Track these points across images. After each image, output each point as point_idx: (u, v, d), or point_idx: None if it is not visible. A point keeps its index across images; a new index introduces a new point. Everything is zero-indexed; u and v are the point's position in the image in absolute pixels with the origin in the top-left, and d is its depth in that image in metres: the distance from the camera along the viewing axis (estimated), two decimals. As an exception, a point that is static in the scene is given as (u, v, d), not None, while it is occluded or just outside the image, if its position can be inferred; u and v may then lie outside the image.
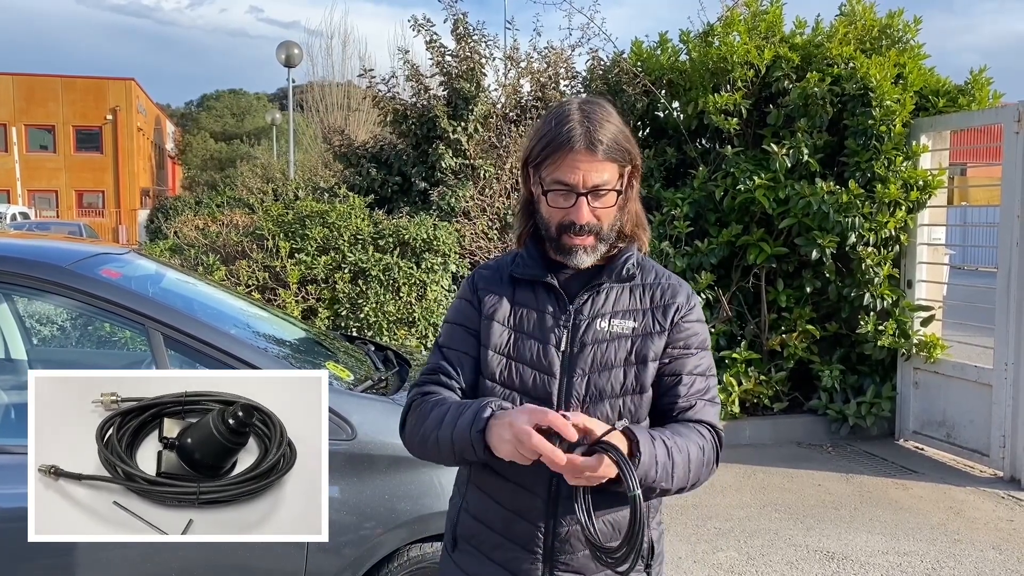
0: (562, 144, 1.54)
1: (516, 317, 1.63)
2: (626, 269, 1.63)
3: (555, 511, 1.56)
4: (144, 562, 2.54)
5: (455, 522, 1.69)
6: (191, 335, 2.68)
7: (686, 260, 6.09)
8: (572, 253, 1.59)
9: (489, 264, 1.74)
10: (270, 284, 6.21)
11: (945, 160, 6.24)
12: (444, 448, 1.53)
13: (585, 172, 1.54)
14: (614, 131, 1.57)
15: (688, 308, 1.64)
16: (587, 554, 1.56)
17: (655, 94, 6.69)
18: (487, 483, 1.62)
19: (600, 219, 1.58)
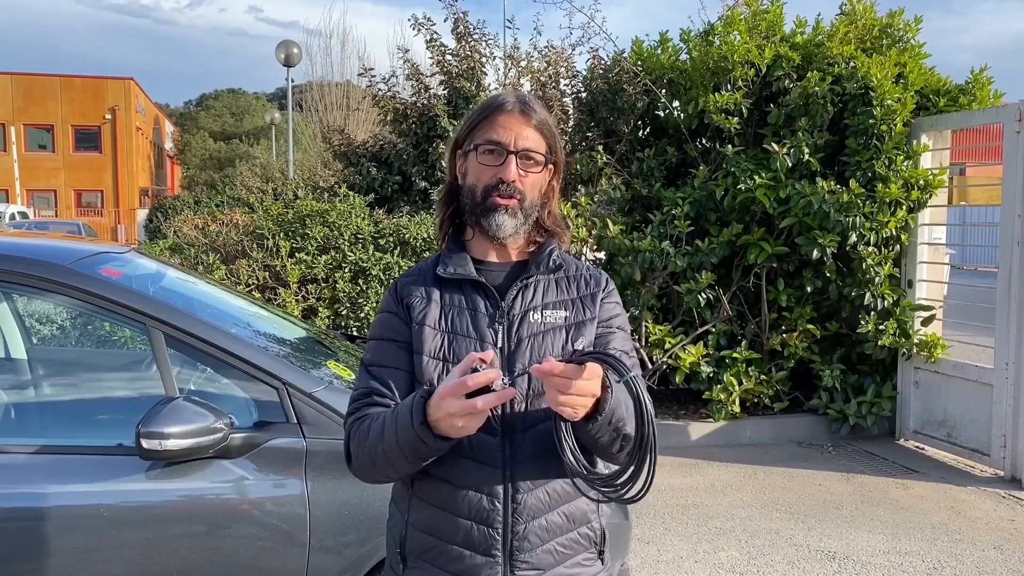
0: (496, 108, 1.60)
1: (448, 319, 1.60)
2: (552, 260, 1.65)
3: (514, 509, 1.54)
4: (145, 562, 2.54)
5: (402, 539, 1.63)
6: (192, 334, 2.67)
7: (687, 259, 6.09)
8: (495, 212, 1.59)
9: (410, 271, 1.71)
10: (270, 283, 6.20)
11: (946, 160, 6.24)
12: (396, 459, 1.48)
13: (517, 133, 1.58)
14: (546, 114, 1.64)
15: (608, 292, 1.68)
16: (546, 549, 1.56)
17: (656, 93, 6.69)
18: (433, 493, 1.57)
19: (525, 186, 1.60)
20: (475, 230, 1.64)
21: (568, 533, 1.59)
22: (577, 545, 1.61)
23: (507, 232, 1.60)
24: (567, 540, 1.59)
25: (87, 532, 2.52)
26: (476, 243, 1.66)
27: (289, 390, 2.66)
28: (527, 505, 1.54)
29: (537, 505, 1.55)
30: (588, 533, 1.63)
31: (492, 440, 1.53)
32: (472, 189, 1.62)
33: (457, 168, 1.67)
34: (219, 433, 2.47)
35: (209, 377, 2.84)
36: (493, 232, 1.60)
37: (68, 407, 3.17)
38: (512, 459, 1.53)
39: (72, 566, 2.51)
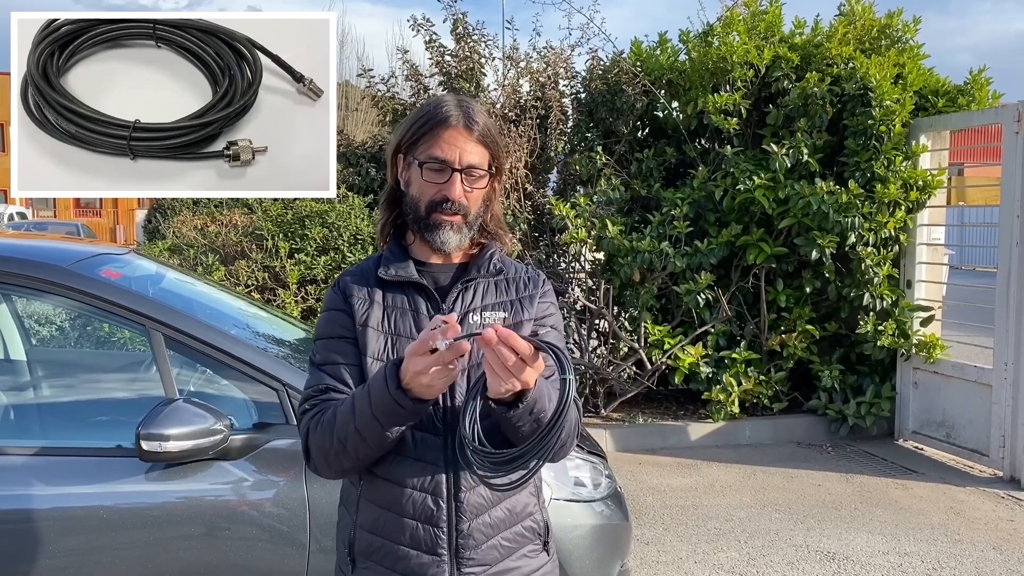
0: (440, 122, 1.59)
1: (390, 321, 1.61)
2: (493, 264, 1.66)
3: (457, 507, 1.56)
4: (144, 564, 2.54)
5: (350, 541, 1.64)
6: (191, 335, 2.67)
7: (686, 260, 6.09)
8: (439, 229, 1.60)
9: (352, 270, 1.71)
10: (270, 284, 6.20)
11: (945, 160, 6.24)
12: (371, 432, 1.47)
13: (461, 150, 1.59)
14: (488, 121, 1.64)
15: (544, 292, 1.70)
16: (491, 544, 1.57)
17: (654, 94, 6.69)
18: (379, 494, 1.59)
19: (468, 201, 1.61)
20: (417, 237, 1.66)
21: (512, 527, 1.61)
22: (521, 538, 1.63)
23: (452, 247, 1.63)
24: (511, 534, 1.61)
25: (87, 534, 2.52)
26: (418, 246, 1.67)
27: (289, 391, 2.66)
28: (470, 503, 1.56)
29: (480, 502, 1.57)
30: (532, 525, 1.66)
31: (434, 439, 1.55)
32: (415, 202, 1.62)
33: (399, 173, 1.67)
34: (219, 435, 2.47)
35: (209, 378, 2.85)
36: (438, 247, 1.62)
37: (67, 409, 3.17)
38: (454, 458, 1.54)
39: (72, 568, 2.51)
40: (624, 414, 6.38)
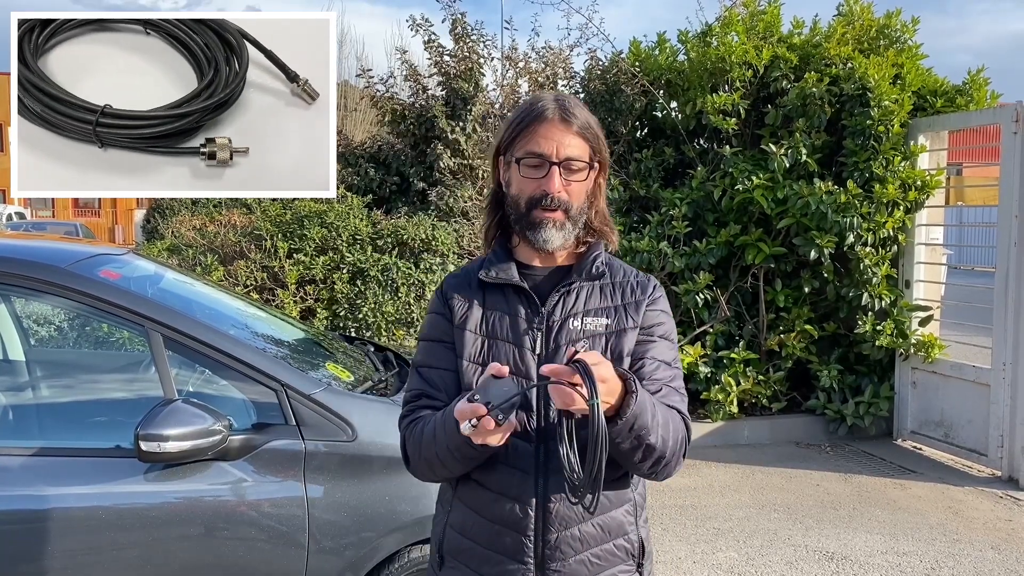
0: (535, 117, 1.57)
1: (488, 323, 1.60)
2: (595, 267, 1.62)
3: (545, 517, 1.53)
4: (143, 564, 2.54)
5: (441, 539, 1.65)
6: (190, 336, 2.67)
7: (684, 260, 6.09)
8: (541, 227, 1.57)
9: (457, 273, 1.71)
10: (268, 284, 6.20)
11: (943, 160, 6.24)
12: (450, 462, 1.52)
13: (559, 143, 1.55)
14: (587, 115, 1.61)
15: (653, 299, 1.65)
16: (579, 559, 1.54)
17: (653, 94, 6.70)
18: (471, 496, 1.59)
19: (570, 195, 1.58)
20: (521, 238, 1.63)
21: (603, 544, 1.56)
22: (613, 557, 1.58)
23: (555, 245, 1.59)
24: (602, 551, 1.56)
25: (85, 534, 2.52)
26: (522, 249, 1.65)
27: (288, 392, 2.66)
28: (559, 514, 1.53)
29: (569, 514, 1.53)
30: (625, 545, 1.60)
31: (527, 447, 1.53)
32: (516, 201, 1.60)
33: (500, 175, 1.65)
34: (218, 435, 2.47)
35: (208, 379, 2.85)
36: (540, 246, 1.59)
37: (66, 409, 3.17)
38: (546, 467, 1.53)
39: (71, 568, 2.51)
40: (623, 414, 6.37)
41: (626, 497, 1.61)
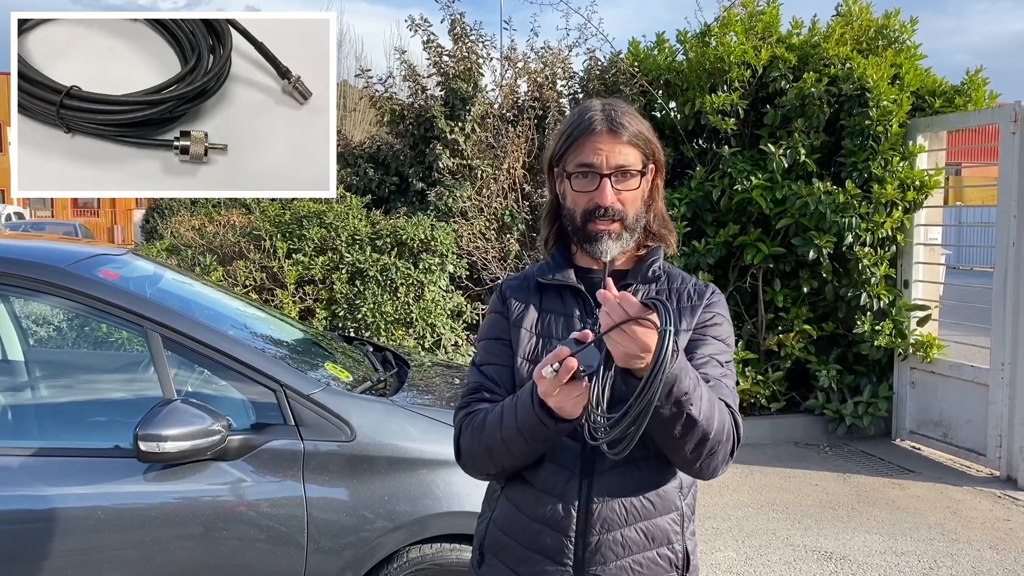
0: (584, 130, 1.57)
1: (543, 323, 1.61)
2: (652, 271, 1.62)
3: (588, 518, 1.51)
4: (142, 564, 2.54)
5: (483, 536, 1.64)
6: (189, 336, 2.68)
7: (683, 260, 6.09)
8: (598, 240, 1.56)
9: (516, 276, 1.73)
10: (267, 285, 6.20)
11: (942, 160, 6.25)
12: (516, 444, 1.47)
13: (608, 153, 1.55)
14: (636, 122, 1.59)
15: (710, 303, 1.63)
16: (620, 565, 1.51)
17: (652, 94, 6.70)
18: (515, 494, 1.58)
19: (624, 204, 1.57)
20: (579, 248, 1.63)
21: (646, 552, 1.53)
22: (655, 566, 1.54)
23: (613, 254, 1.58)
24: (644, 559, 1.53)
25: (84, 534, 2.52)
26: (580, 255, 1.65)
27: (287, 392, 2.67)
28: (602, 516, 1.51)
29: (613, 518, 1.51)
30: (669, 555, 1.56)
31: (573, 446, 1.52)
32: (572, 214, 1.60)
33: (556, 186, 1.65)
34: (217, 435, 2.48)
35: (207, 379, 2.85)
36: (599, 257, 1.58)
37: (65, 409, 3.18)
38: (591, 467, 1.51)
39: (69, 569, 2.52)
40: (622, 414, 6.38)
41: (673, 505, 1.57)
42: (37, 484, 2.53)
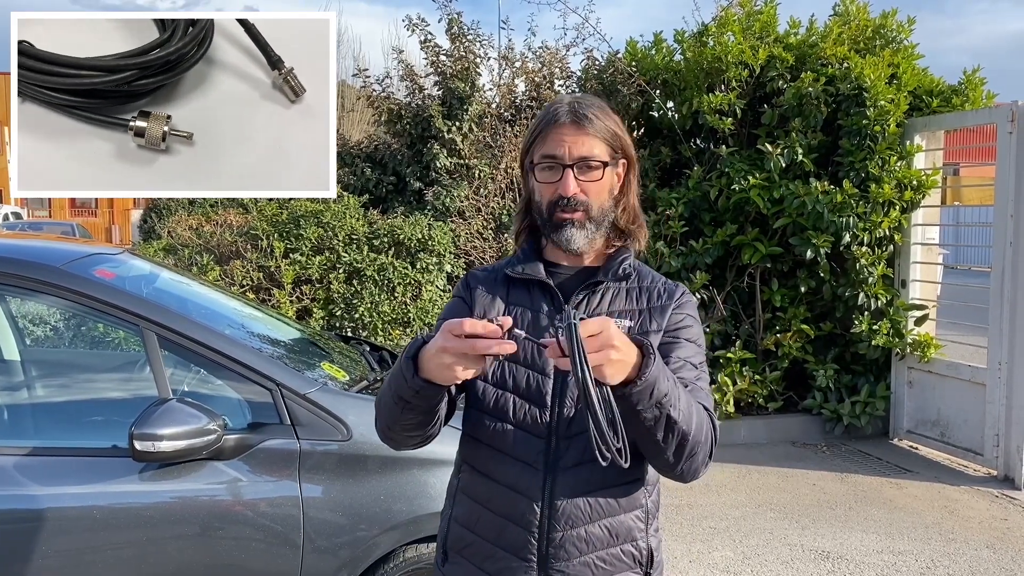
0: (549, 121, 1.57)
1: (510, 316, 1.58)
2: (623, 268, 1.61)
3: (551, 514, 1.51)
4: (138, 564, 2.53)
5: (446, 533, 1.63)
6: (185, 335, 2.67)
7: (681, 260, 6.09)
8: (563, 228, 1.57)
9: (485, 268, 1.72)
10: (264, 284, 6.20)
11: (939, 160, 6.25)
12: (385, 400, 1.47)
13: (571, 144, 1.55)
14: (603, 116, 1.59)
15: (680, 302, 1.62)
16: (584, 561, 1.51)
17: (650, 94, 6.70)
18: (477, 489, 1.58)
19: (588, 194, 1.56)
20: (548, 241, 1.64)
21: (610, 548, 1.54)
22: (619, 562, 1.55)
23: (579, 245, 1.58)
24: (608, 555, 1.54)
25: (80, 534, 2.52)
26: (550, 249, 1.65)
27: (283, 391, 2.66)
28: (566, 512, 1.51)
29: (576, 514, 1.52)
30: (632, 551, 1.57)
31: (537, 442, 1.52)
32: (539, 206, 1.60)
33: (529, 184, 1.65)
34: (212, 435, 2.47)
35: (203, 378, 2.85)
36: (565, 246, 1.59)
37: (62, 408, 3.17)
38: (555, 463, 1.51)
39: (66, 568, 2.51)
40: (619, 414, 6.38)
41: (637, 502, 1.58)
42: (33, 484, 2.52)
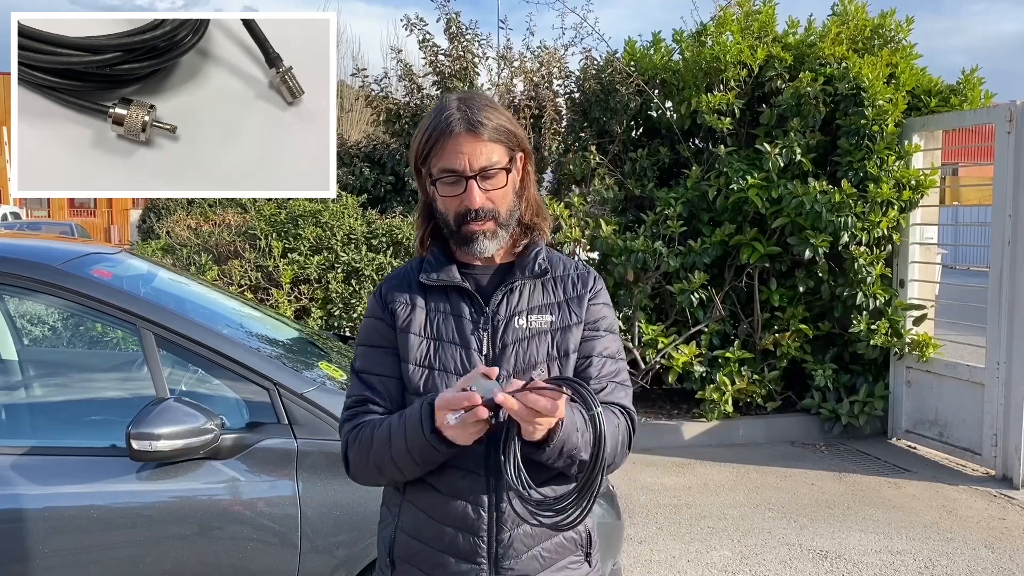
0: (443, 132, 1.53)
1: (433, 325, 1.58)
2: (538, 264, 1.61)
3: (498, 517, 1.53)
4: (136, 563, 2.53)
5: (390, 544, 1.62)
6: (183, 335, 2.67)
7: (679, 259, 6.09)
8: (473, 241, 1.56)
9: (393, 275, 1.68)
10: (263, 284, 6.19)
11: (937, 160, 6.26)
12: (406, 465, 1.51)
13: (469, 155, 1.52)
14: (495, 115, 1.56)
15: (596, 292, 1.65)
16: (532, 555, 1.55)
17: (648, 94, 6.70)
18: (422, 499, 1.57)
19: (495, 202, 1.55)
20: (457, 249, 1.62)
21: (553, 537, 1.58)
22: (562, 549, 1.60)
23: (491, 252, 1.59)
24: (552, 544, 1.58)
25: (78, 533, 2.51)
26: (462, 251, 1.63)
27: (280, 391, 2.66)
28: (511, 513, 1.53)
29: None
30: (573, 536, 1.62)
31: (477, 449, 1.52)
32: (444, 217, 1.59)
33: (426, 187, 1.62)
34: (210, 434, 2.47)
35: (200, 378, 2.84)
36: (478, 256, 1.59)
37: (59, 408, 3.17)
38: (496, 467, 1.52)
39: (63, 567, 2.51)
40: (618, 413, 6.38)
41: None
42: (31, 483, 2.52)
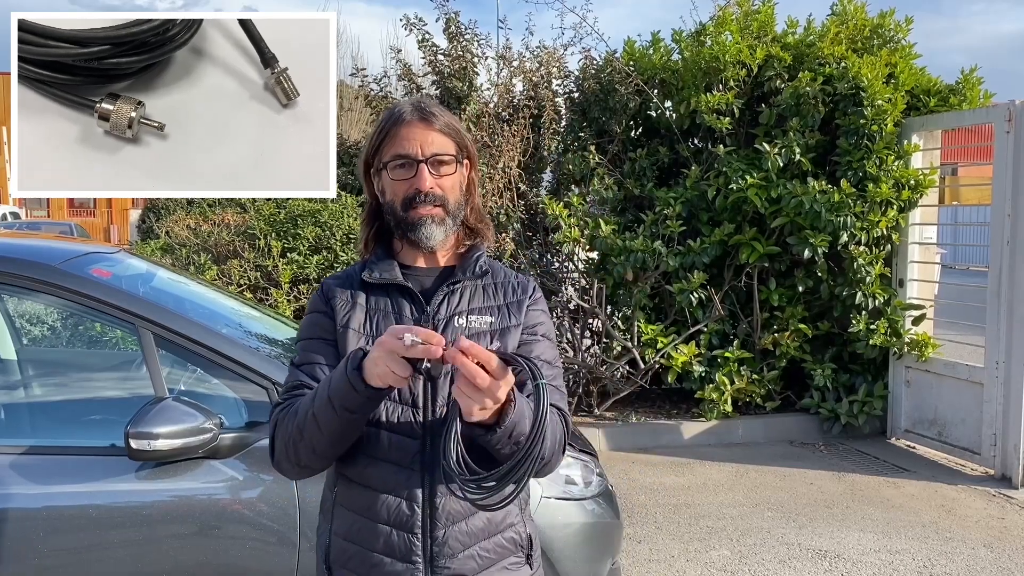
0: (395, 121, 1.59)
1: (372, 323, 1.58)
2: (479, 266, 1.63)
3: (432, 514, 1.52)
4: (135, 563, 2.53)
5: (326, 549, 1.61)
6: (182, 334, 2.67)
7: (678, 259, 6.10)
8: (421, 225, 1.57)
9: (337, 274, 1.69)
10: (262, 283, 6.19)
11: (936, 159, 6.26)
12: (323, 415, 1.43)
13: (421, 141, 1.57)
14: (446, 114, 1.62)
15: (535, 299, 1.67)
16: (469, 554, 1.53)
17: (647, 93, 6.70)
18: (354, 500, 1.56)
19: (444, 190, 1.58)
20: (403, 243, 1.63)
21: (491, 537, 1.57)
22: (501, 549, 1.58)
23: (438, 240, 1.60)
24: (491, 544, 1.57)
25: (76, 533, 2.51)
26: (405, 251, 1.65)
27: (279, 390, 2.65)
28: (446, 509, 1.52)
29: (457, 509, 1.53)
30: (513, 536, 1.61)
31: (412, 443, 1.52)
32: (392, 206, 1.60)
33: (375, 187, 1.65)
34: (208, 433, 2.47)
35: (199, 377, 2.84)
36: (424, 244, 1.59)
37: (58, 407, 3.17)
38: (432, 463, 1.51)
39: (62, 567, 2.51)
40: (617, 413, 6.39)
41: None
42: (30, 483, 2.52)
